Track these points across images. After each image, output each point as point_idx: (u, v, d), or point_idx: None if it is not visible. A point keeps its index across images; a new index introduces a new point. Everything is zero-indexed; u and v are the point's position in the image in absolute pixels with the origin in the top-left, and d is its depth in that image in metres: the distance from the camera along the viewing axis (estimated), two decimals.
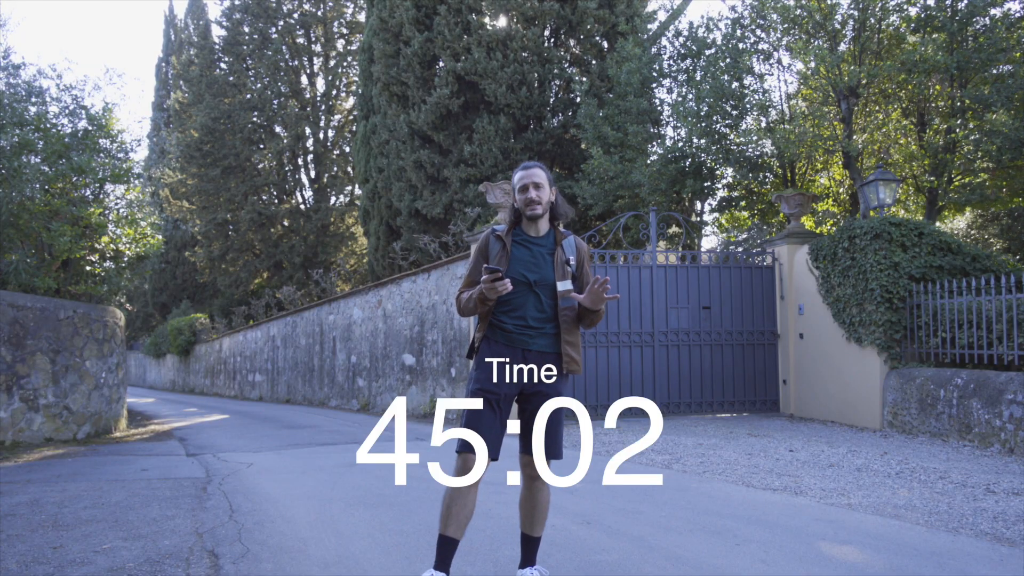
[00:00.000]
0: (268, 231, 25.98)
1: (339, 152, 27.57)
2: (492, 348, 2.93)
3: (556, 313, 2.94)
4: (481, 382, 2.89)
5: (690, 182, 11.97)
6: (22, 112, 9.00)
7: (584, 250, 3.09)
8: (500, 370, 2.89)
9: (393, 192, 16.63)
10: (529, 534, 2.99)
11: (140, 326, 35.62)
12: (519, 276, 2.92)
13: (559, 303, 2.93)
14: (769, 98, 12.38)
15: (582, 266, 3.05)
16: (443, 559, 2.80)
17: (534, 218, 2.98)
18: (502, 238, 2.99)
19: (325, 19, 26.50)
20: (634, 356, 9.72)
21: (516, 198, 3.03)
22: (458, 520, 2.81)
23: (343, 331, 14.85)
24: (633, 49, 13.05)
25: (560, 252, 2.99)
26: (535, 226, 3.01)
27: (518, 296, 2.92)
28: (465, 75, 14.62)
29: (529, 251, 2.97)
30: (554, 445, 2.93)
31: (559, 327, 2.95)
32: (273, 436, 8.88)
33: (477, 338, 2.99)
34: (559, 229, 3.06)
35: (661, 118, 14.02)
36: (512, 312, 2.92)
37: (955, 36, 9.96)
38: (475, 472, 2.82)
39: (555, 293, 2.94)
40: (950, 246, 8.28)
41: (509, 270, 2.92)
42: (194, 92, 26.32)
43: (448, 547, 2.80)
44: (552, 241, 3.02)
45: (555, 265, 2.95)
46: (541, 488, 2.95)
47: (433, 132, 15.34)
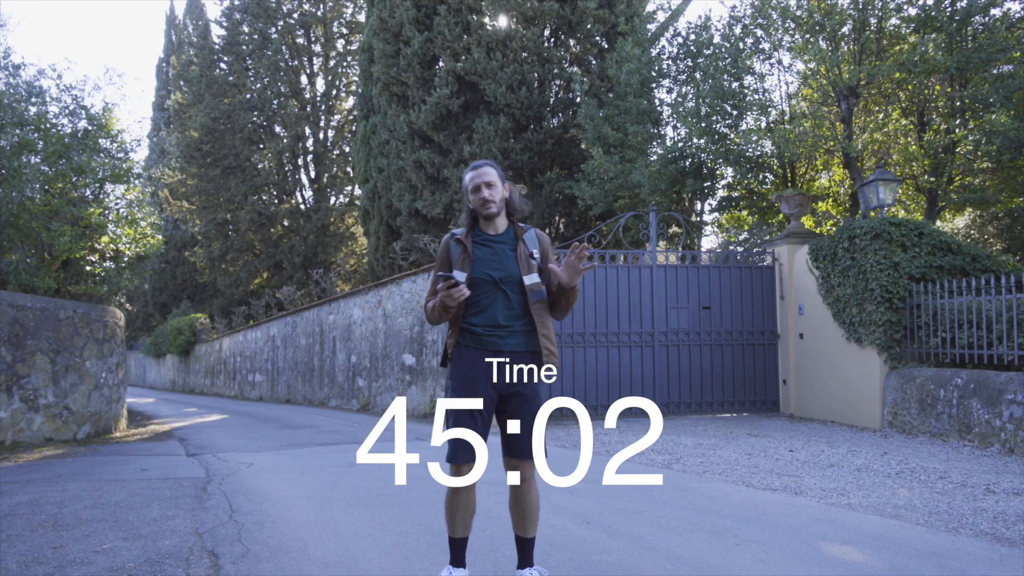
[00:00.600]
0: (268, 231, 25.98)
1: (339, 152, 27.57)
2: (464, 354, 2.92)
3: (526, 309, 2.93)
4: (459, 390, 2.89)
5: (690, 182, 11.97)
6: (22, 112, 9.00)
7: (546, 242, 3.07)
8: (476, 376, 2.88)
9: (393, 192, 16.63)
10: (523, 536, 2.98)
11: (140, 326, 35.62)
12: (484, 276, 2.91)
13: (528, 297, 2.92)
14: (769, 98, 12.39)
15: (546, 257, 3.03)
16: (457, 556, 2.96)
17: (490, 217, 2.97)
18: (462, 241, 2.98)
19: (325, 19, 26.50)
20: (634, 356, 9.72)
21: (470, 199, 3.01)
22: (463, 521, 2.93)
23: (343, 331, 14.85)
24: (633, 49, 13.05)
25: (523, 247, 2.98)
26: (493, 224, 3.00)
27: (485, 296, 2.91)
28: (465, 75, 14.62)
29: (491, 249, 2.96)
30: (532, 443, 2.91)
31: (532, 323, 2.93)
32: (273, 436, 8.88)
33: (449, 344, 2.97)
34: (518, 224, 3.05)
35: (661, 118, 14.01)
36: (481, 313, 2.91)
37: (955, 36, 9.96)
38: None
39: (523, 289, 2.92)
40: (950, 246, 8.28)
41: (473, 271, 2.91)
42: (194, 92, 26.33)
43: (459, 546, 2.96)
44: (513, 237, 3.01)
45: (519, 260, 2.94)
46: (529, 490, 2.93)
47: (433, 132, 15.34)
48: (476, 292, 2.90)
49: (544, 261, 3.01)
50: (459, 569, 2.95)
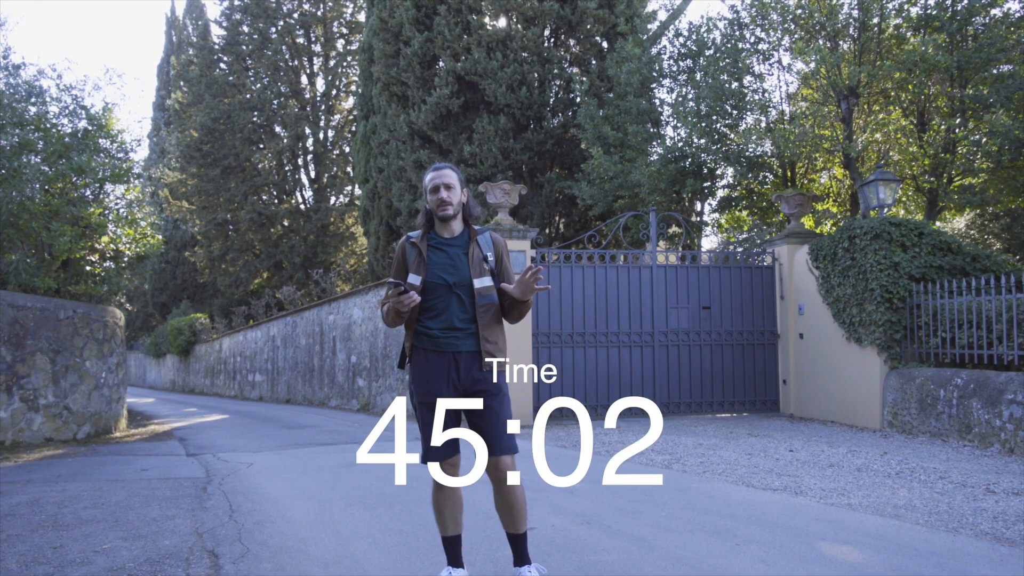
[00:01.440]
0: (268, 231, 25.98)
1: (339, 152, 27.57)
2: (422, 356, 2.95)
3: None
4: (423, 394, 2.93)
5: (690, 182, 11.97)
6: (22, 112, 9.00)
7: (501, 244, 3.09)
8: (436, 378, 2.90)
9: (393, 192, 16.63)
10: (513, 532, 2.97)
11: (140, 326, 35.62)
12: (438, 280, 2.93)
13: (476, 300, 2.93)
14: (769, 98, 12.39)
15: (501, 260, 3.04)
16: (453, 556, 2.99)
17: (445, 219, 2.99)
18: (417, 245, 3.01)
19: (325, 19, 26.50)
20: (634, 356, 9.72)
21: (428, 199, 3.03)
22: (452, 518, 2.96)
23: (343, 331, 14.85)
24: (633, 49, 13.05)
25: (476, 250, 2.99)
26: (448, 227, 3.02)
27: (440, 300, 2.93)
28: (465, 75, 14.62)
29: (446, 253, 2.98)
30: (510, 439, 2.93)
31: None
32: (273, 436, 8.88)
33: (407, 347, 3.00)
34: (472, 227, 3.07)
35: (661, 118, 14.02)
36: (437, 316, 2.93)
37: (955, 36, 9.96)
38: (451, 475, 2.92)
39: (474, 292, 2.95)
40: (950, 246, 8.28)
41: (428, 274, 2.93)
42: (194, 92, 26.33)
43: (454, 544, 2.99)
44: (467, 240, 3.03)
45: (471, 263, 2.96)
46: (513, 488, 2.93)
47: (433, 132, 15.34)
48: (431, 296, 2.93)
49: (499, 264, 3.03)
50: (458, 569, 2.96)
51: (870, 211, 9.28)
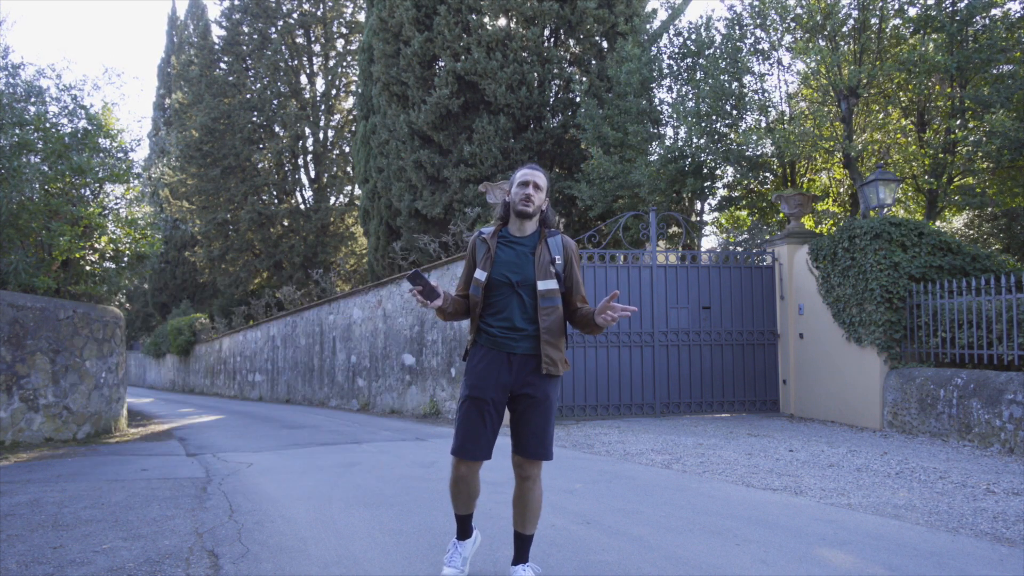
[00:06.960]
0: (268, 231, 25.97)
1: (339, 152, 27.57)
2: (479, 352, 2.97)
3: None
4: (471, 388, 2.94)
5: (690, 182, 11.96)
6: (22, 112, 9.00)
7: (572, 249, 3.05)
8: (487, 376, 2.92)
9: (393, 192, 16.63)
10: (521, 532, 3.02)
11: (140, 326, 35.62)
12: (501, 278, 2.92)
13: (539, 303, 2.91)
14: (769, 98, 12.39)
15: (569, 266, 3.02)
16: (463, 530, 3.13)
17: (524, 215, 2.97)
18: (487, 241, 3.01)
19: (325, 19, 26.50)
20: (634, 356, 9.72)
21: (512, 190, 3.00)
22: (466, 501, 3.06)
23: (343, 331, 14.85)
24: (633, 49, 13.05)
25: (544, 251, 2.96)
26: (522, 226, 3.00)
27: (502, 298, 2.93)
28: (465, 75, 14.62)
29: (513, 251, 2.97)
30: (543, 446, 2.94)
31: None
32: (273, 436, 8.87)
33: (469, 341, 3.04)
34: (544, 229, 3.05)
35: (661, 118, 14.01)
36: (498, 315, 2.93)
37: (955, 36, 9.96)
38: (469, 475, 2.98)
39: (537, 293, 2.93)
40: (950, 246, 8.28)
41: (492, 271, 2.93)
42: (194, 92, 26.32)
43: (464, 521, 3.11)
44: (536, 241, 3.00)
45: (537, 264, 2.93)
46: (533, 487, 2.97)
47: (433, 132, 15.34)
48: (494, 293, 2.94)
49: (568, 268, 3.01)
50: (463, 541, 3.12)
51: (870, 211, 9.29)
